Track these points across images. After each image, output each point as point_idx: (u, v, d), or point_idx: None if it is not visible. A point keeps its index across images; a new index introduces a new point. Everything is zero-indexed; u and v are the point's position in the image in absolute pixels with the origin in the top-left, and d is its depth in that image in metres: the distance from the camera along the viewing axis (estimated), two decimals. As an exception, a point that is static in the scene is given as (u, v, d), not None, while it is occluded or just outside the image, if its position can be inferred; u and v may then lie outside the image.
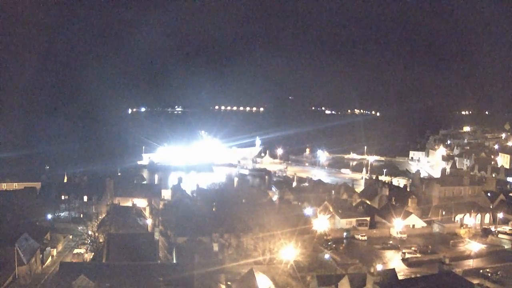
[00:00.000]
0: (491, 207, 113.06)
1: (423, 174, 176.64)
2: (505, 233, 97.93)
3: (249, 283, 61.34)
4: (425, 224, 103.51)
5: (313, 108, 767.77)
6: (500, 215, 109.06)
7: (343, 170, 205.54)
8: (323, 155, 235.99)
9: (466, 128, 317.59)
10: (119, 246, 67.47)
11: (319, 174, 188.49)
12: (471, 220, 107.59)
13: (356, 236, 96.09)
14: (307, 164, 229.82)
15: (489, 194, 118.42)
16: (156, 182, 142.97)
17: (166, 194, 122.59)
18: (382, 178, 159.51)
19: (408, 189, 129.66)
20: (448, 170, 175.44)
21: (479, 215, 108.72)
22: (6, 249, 70.57)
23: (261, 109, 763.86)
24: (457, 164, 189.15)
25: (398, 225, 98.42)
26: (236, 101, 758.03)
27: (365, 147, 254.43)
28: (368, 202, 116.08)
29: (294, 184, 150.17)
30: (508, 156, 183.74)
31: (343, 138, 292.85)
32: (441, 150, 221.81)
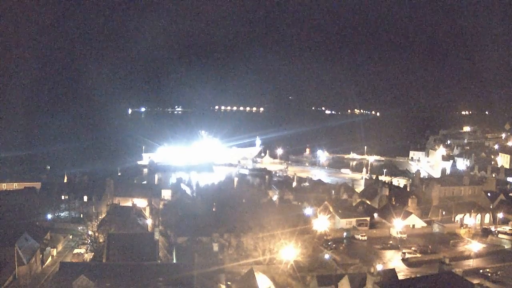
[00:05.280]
0: (491, 207, 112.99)
1: (423, 174, 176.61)
2: (505, 233, 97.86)
3: (249, 283, 61.33)
4: (425, 224, 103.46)
5: (313, 108, 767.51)
6: (500, 215, 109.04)
7: (343, 170, 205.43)
8: (323, 155, 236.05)
9: (466, 128, 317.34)
10: (119, 246, 67.44)
11: (319, 174, 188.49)
12: (471, 220, 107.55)
13: (356, 236, 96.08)
14: (307, 164, 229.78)
15: (489, 194, 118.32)
16: (156, 182, 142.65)
17: (166, 194, 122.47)
18: (382, 178, 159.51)
19: (408, 189, 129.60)
20: (448, 170, 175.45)
21: (479, 215, 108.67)
22: (6, 249, 70.60)
23: (261, 109, 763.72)
24: (457, 164, 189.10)
25: (398, 225, 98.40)
26: (236, 101, 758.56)
27: (365, 147, 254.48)
28: (368, 202, 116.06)
29: (294, 184, 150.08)
30: (508, 156, 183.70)
31: (343, 138, 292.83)
32: (441, 150, 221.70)
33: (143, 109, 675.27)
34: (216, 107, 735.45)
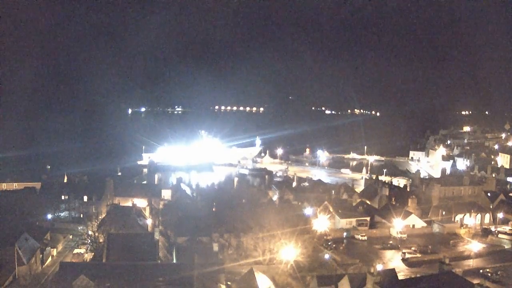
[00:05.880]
0: (491, 207, 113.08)
1: (423, 174, 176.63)
2: (505, 233, 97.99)
3: (249, 283, 61.34)
4: (425, 224, 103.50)
5: (313, 108, 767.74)
6: (500, 215, 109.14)
7: (343, 170, 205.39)
8: (323, 155, 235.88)
9: (466, 128, 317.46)
10: (119, 246, 67.47)
11: (319, 174, 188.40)
12: (471, 220, 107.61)
13: (356, 236, 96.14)
14: (307, 164, 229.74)
15: (489, 194, 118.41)
16: (156, 182, 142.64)
17: (166, 194, 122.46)
18: (382, 178, 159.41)
19: (408, 189, 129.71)
20: (448, 170, 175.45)
21: (479, 215, 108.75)
22: (6, 249, 70.59)
23: (261, 109, 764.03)
24: (457, 164, 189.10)
25: (398, 225, 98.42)
26: (236, 101, 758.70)
27: (365, 147, 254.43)
28: (368, 202, 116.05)
29: (294, 184, 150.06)
30: (508, 156, 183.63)
31: (343, 138, 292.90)
32: (441, 150, 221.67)
33: (143, 109, 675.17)
34: (216, 107, 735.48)
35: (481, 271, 76.02)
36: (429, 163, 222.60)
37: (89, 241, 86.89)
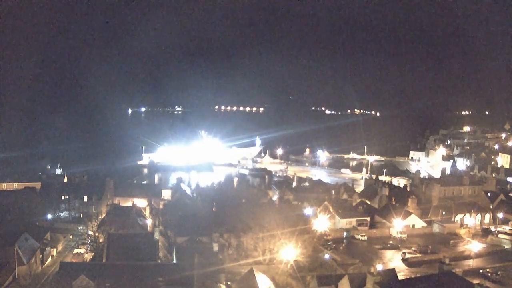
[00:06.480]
0: (491, 207, 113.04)
1: (423, 174, 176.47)
2: (505, 233, 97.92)
3: (249, 283, 61.32)
4: (425, 224, 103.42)
5: (313, 108, 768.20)
6: (500, 215, 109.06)
7: (343, 170, 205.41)
8: (323, 155, 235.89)
9: (466, 128, 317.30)
10: (119, 246, 67.50)
11: (319, 174, 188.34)
12: (471, 220, 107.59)
13: (356, 236, 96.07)
14: (307, 164, 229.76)
15: (489, 194, 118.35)
16: (156, 182, 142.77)
17: (166, 194, 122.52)
18: (382, 178, 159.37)
19: (408, 189, 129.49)
20: (448, 170, 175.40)
21: (479, 215, 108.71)
22: (6, 249, 70.66)
23: (261, 109, 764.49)
24: (457, 164, 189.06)
25: (398, 225, 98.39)
26: (236, 101, 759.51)
27: (365, 147, 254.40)
28: (368, 202, 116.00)
29: (294, 184, 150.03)
30: (508, 156, 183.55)
31: (343, 138, 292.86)
32: (441, 150, 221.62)
33: (143, 109, 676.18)
34: (216, 107, 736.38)
35: (481, 271, 75.92)
36: (429, 163, 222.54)
37: (89, 241, 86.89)
